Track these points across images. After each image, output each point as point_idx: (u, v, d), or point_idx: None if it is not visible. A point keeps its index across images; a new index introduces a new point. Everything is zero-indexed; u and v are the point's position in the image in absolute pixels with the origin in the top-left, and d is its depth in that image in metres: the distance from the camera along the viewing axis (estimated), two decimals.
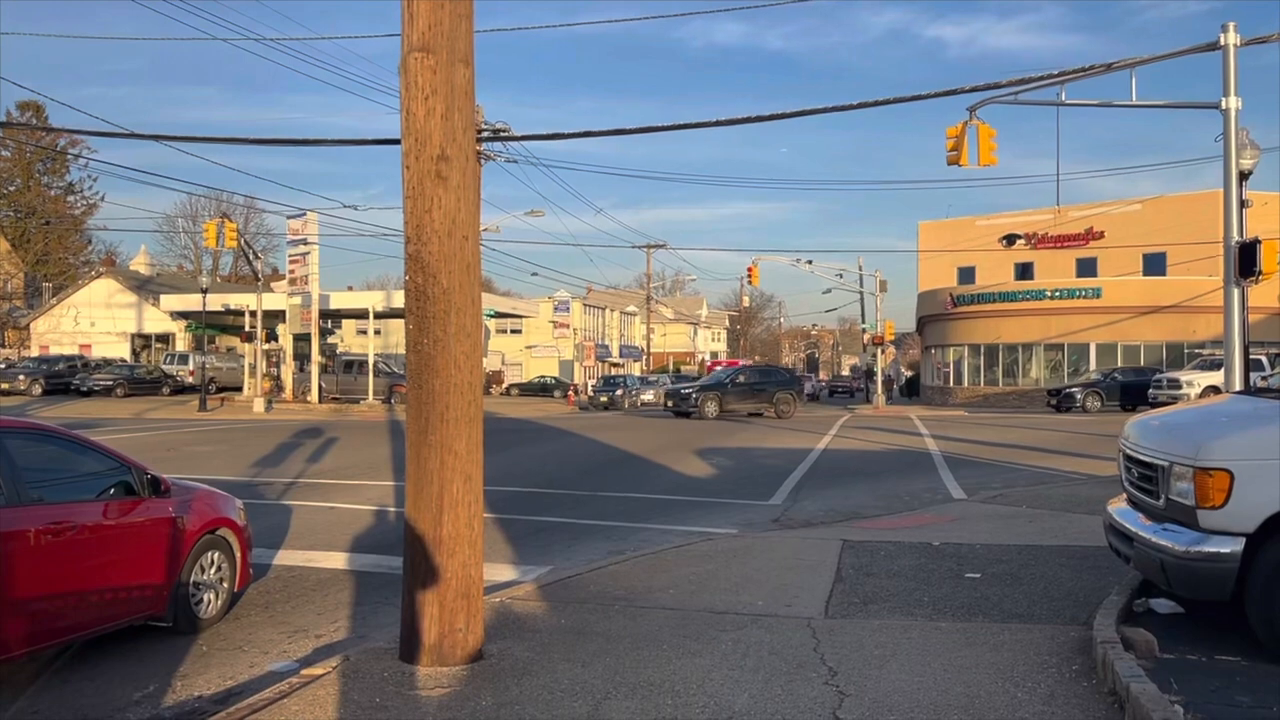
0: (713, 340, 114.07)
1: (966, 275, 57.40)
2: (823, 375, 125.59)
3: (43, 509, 5.59)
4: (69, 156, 60.31)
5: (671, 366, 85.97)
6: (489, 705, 4.81)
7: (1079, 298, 47.18)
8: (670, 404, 36.24)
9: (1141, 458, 5.99)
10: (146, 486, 6.46)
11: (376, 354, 44.85)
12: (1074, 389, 39.44)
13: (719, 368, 55.12)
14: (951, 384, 52.41)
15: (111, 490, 6.27)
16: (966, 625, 6.29)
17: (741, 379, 37.20)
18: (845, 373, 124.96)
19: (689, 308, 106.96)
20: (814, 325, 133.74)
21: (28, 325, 59.48)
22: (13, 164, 62.60)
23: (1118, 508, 6.37)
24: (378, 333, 50.59)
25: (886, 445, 23.00)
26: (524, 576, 8.38)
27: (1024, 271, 55.97)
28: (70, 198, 68.00)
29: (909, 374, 75.47)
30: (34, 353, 54.78)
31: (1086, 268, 53.43)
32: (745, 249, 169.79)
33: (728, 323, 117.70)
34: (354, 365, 44.97)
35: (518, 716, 4.67)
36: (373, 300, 45.96)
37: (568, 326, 76.16)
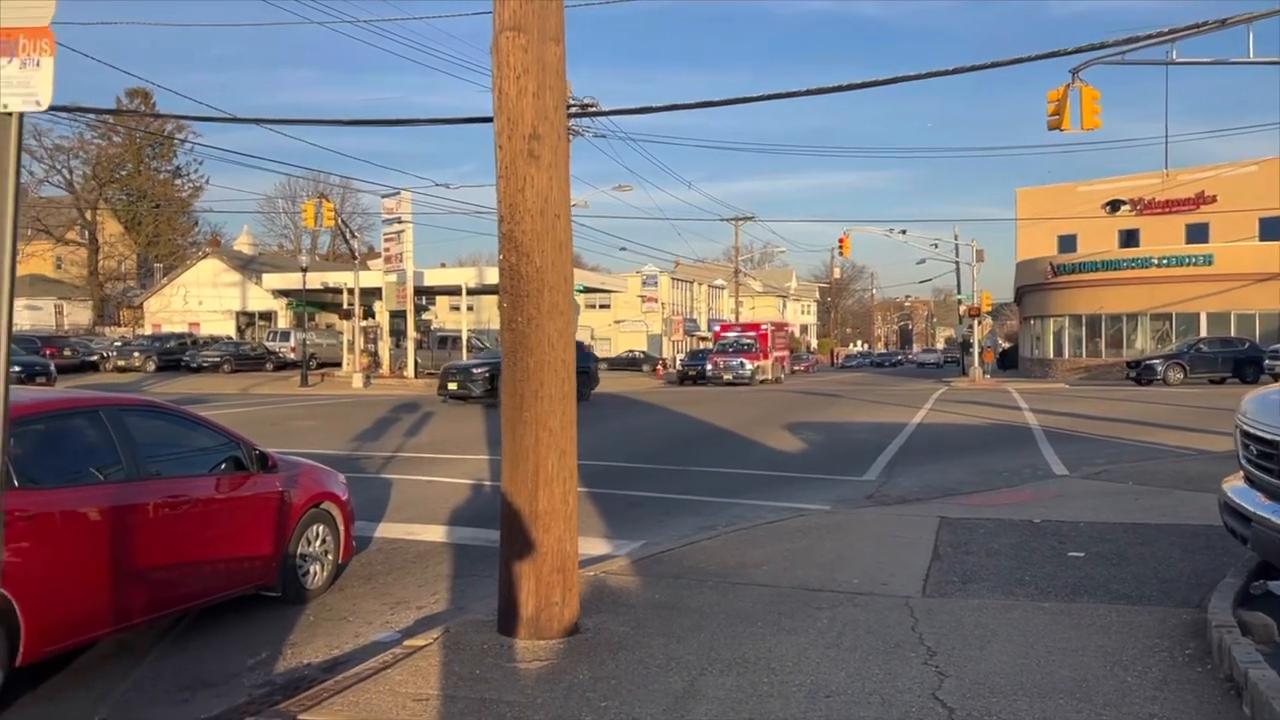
0: (802, 313, 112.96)
1: (1067, 243, 55.47)
2: (916, 346, 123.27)
3: (159, 483, 5.84)
4: (176, 141, 62.60)
5: None
6: (586, 679, 4.87)
7: (1189, 265, 45.20)
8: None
9: (1261, 434, 5.71)
10: (255, 462, 6.70)
11: (470, 330, 45.60)
12: (1155, 361, 37.85)
13: (733, 331, 48.93)
14: (1051, 356, 50.88)
15: (222, 465, 6.53)
16: (1071, 606, 6.12)
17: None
18: (940, 345, 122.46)
19: (778, 280, 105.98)
20: (907, 297, 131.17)
21: (141, 304, 62.19)
22: (124, 149, 65.15)
23: (1234, 486, 6.10)
24: (470, 309, 51.38)
25: (984, 419, 22.48)
26: (617, 551, 8.45)
27: (1129, 239, 53.84)
28: (177, 181, 70.56)
29: (1006, 346, 73.53)
30: (147, 331, 57.27)
31: (1197, 234, 51.13)
32: (836, 220, 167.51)
33: (818, 295, 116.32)
34: (448, 341, 45.80)
35: (614, 691, 4.71)
36: (465, 277, 46.67)
37: (656, 301, 76.25)
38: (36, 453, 5.29)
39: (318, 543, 7.15)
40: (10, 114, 3.04)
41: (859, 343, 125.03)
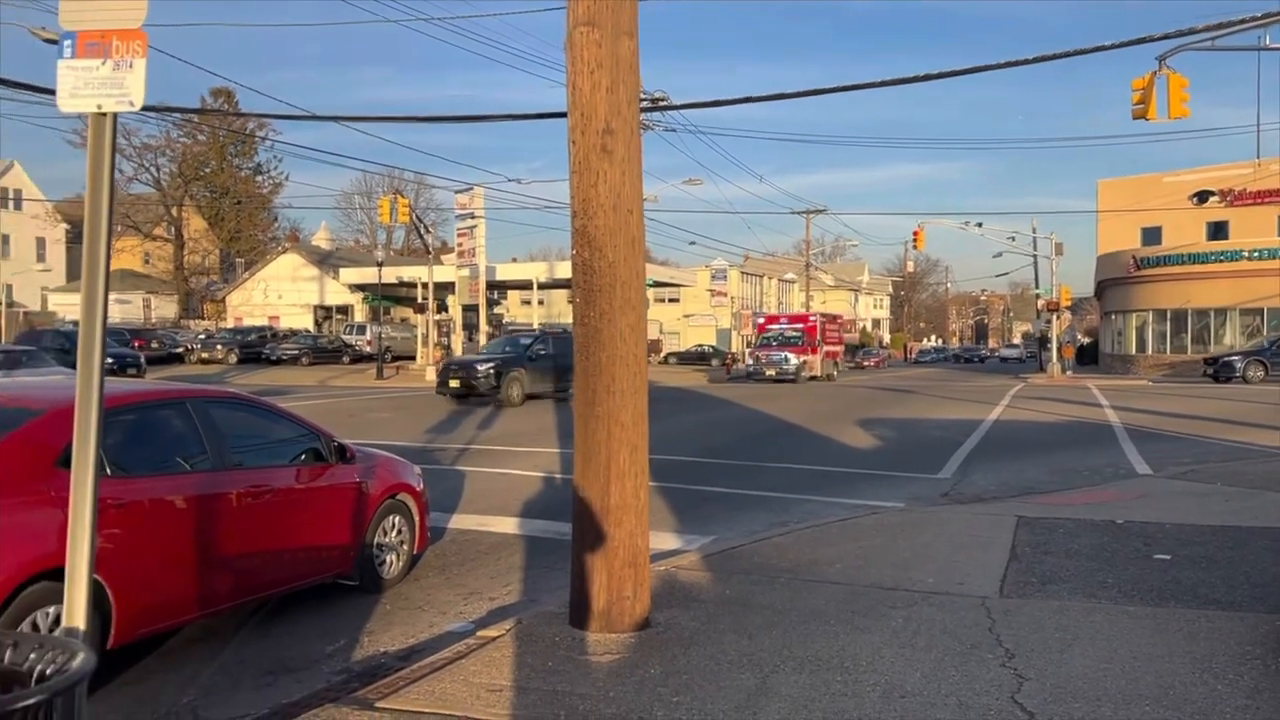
0: (874, 307, 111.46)
1: (1151, 236, 53.78)
2: (992, 342, 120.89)
3: (243, 473, 6.00)
4: (257, 139, 64.22)
5: None
6: (657, 674, 4.87)
7: None
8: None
9: None
10: (334, 453, 6.84)
11: (540, 324, 45.99)
12: (1233, 358, 36.43)
13: (778, 324, 44.20)
14: (1134, 352, 49.42)
15: (303, 456, 6.68)
16: (1156, 610, 5.94)
17: (542, 349, 27.13)
18: (1016, 340, 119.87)
19: (849, 274, 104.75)
20: (983, 291, 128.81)
21: (224, 298, 64.02)
22: (207, 148, 67.07)
23: None
24: (541, 303, 51.89)
25: (1062, 416, 21.93)
26: (687, 546, 8.44)
27: (1217, 231, 51.94)
28: (258, 178, 72.42)
29: (1086, 341, 71.64)
30: (229, 324, 58.92)
31: None
32: (910, 212, 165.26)
33: (890, 289, 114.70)
34: (518, 334, 46.32)
35: (686, 686, 4.70)
36: (536, 272, 47.14)
37: (725, 295, 75.90)
38: (127, 442, 5.46)
39: (394, 533, 7.28)
40: (104, 114, 3.14)
41: (933, 337, 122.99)
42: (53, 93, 3.29)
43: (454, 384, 25.55)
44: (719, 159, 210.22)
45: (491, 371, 25.23)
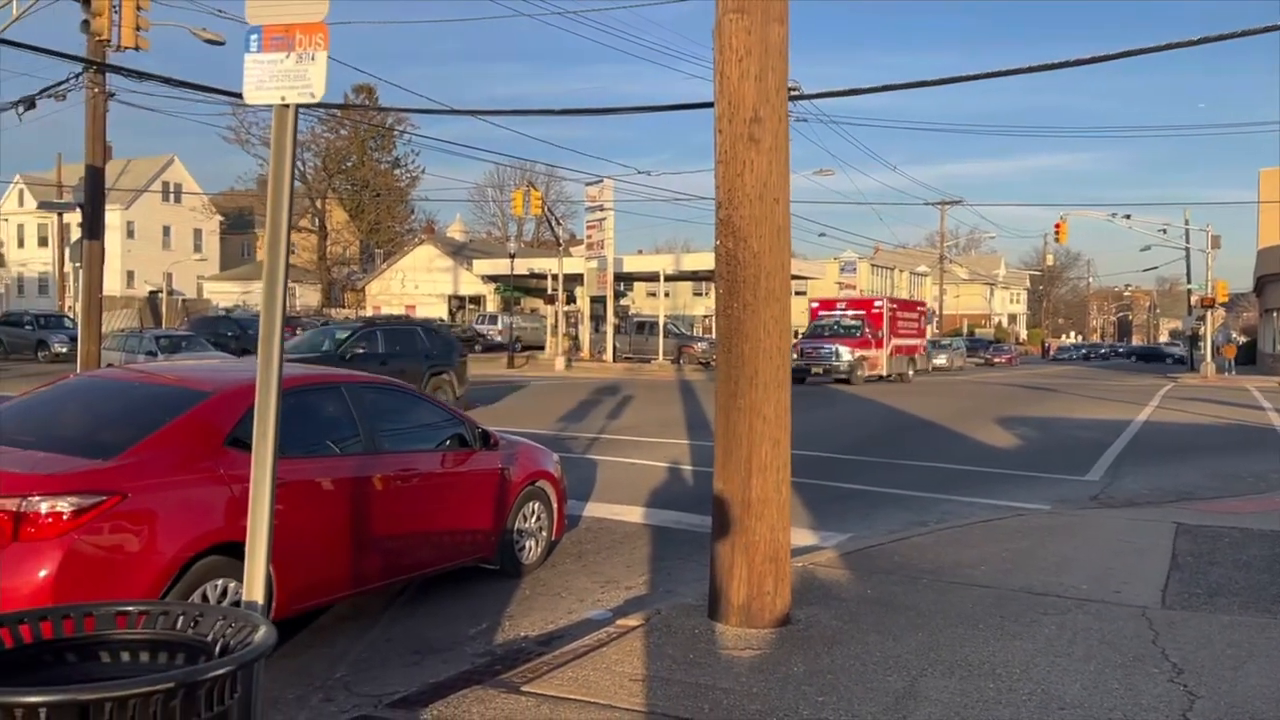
0: (1011, 301, 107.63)
1: None
2: (1136, 339, 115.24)
3: (393, 457, 6.19)
4: (396, 133, 66.36)
5: (965, 329, 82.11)
6: (800, 672, 4.79)
7: None
8: None
9: None
10: (478, 439, 6.99)
11: (666, 315, 46.12)
12: None
13: (833, 310, 36.46)
14: None
15: (448, 442, 6.85)
16: None
17: (363, 349, 19.07)
18: (1163, 338, 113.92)
19: (985, 267, 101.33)
20: (1127, 286, 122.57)
21: (363, 288, 66.51)
22: (349, 142, 69.65)
23: None
24: (667, 295, 51.94)
25: (1220, 419, 20.71)
26: (824, 543, 8.30)
27: None
28: (396, 171, 74.78)
29: (1242, 339, 67.46)
30: (368, 312, 61.14)
31: None
32: (1050, 204, 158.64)
33: (1028, 283, 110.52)
34: (645, 326, 46.53)
35: (831, 686, 4.61)
36: (663, 264, 47.22)
37: (854, 288, 74.44)
38: (287, 424, 5.67)
39: (533, 519, 7.39)
40: (287, 105, 3.26)
41: (1072, 334, 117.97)
42: (211, 90, 3.44)
43: None
44: (850, 149, 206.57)
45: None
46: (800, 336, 33.68)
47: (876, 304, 36.29)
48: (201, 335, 26.64)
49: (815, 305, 38.55)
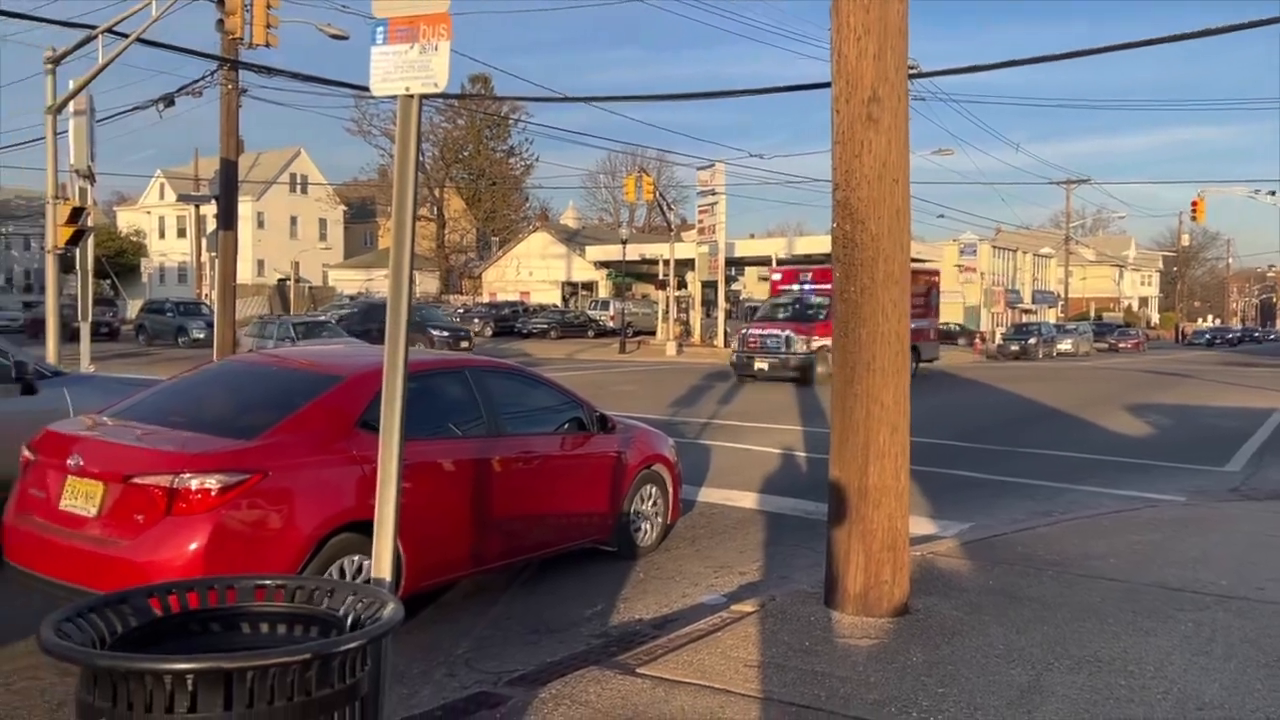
0: (1142, 284, 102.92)
1: None
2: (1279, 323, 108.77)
3: (513, 439, 6.32)
4: (511, 122, 67.44)
5: (1092, 313, 78.94)
6: (920, 662, 4.71)
7: None
8: None
9: None
10: (595, 423, 7.08)
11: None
12: None
13: (791, 285, 26.98)
14: None
15: (566, 425, 6.96)
16: None
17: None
18: None
19: (1114, 248, 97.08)
20: (1270, 266, 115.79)
21: (480, 275, 67.97)
22: (465, 132, 71.17)
23: None
24: None
25: None
26: (943, 532, 8.12)
27: None
28: (511, 160, 76.12)
29: None
30: (484, 299, 62.52)
31: None
32: (1184, 180, 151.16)
33: (1160, 265, 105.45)
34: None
35: (951, 677, 4.52)
36: (775, 248, 46.84)
37: (974, 270, 72.27)
38: (412, 407, 5.86)
39: (649, 503, 7.45)
40: (412, 96, 3.35)
41: (1209, 317, 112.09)
42: (337, 83, 3.55)
43: None
44: (970, 128, 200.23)
45: None
46: (752, 321, 27.74)
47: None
48: (368, 323, 28.28)
49: (775, 278, 29.32)
